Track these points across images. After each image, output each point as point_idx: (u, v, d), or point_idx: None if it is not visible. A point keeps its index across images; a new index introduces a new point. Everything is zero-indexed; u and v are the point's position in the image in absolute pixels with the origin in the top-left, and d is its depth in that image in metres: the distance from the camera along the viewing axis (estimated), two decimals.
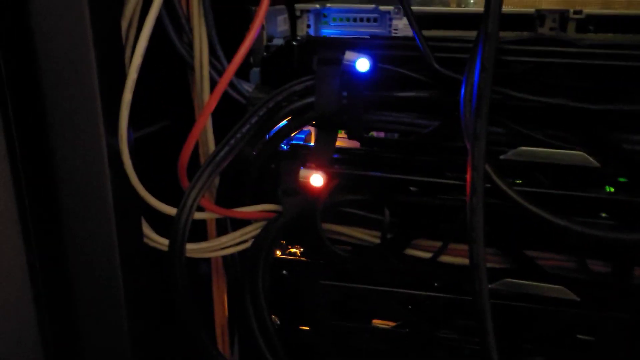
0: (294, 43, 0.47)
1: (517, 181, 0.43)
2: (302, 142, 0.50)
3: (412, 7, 0.42)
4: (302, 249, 0.50)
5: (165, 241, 0.45)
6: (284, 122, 0.45)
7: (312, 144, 0.50)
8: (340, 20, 0.56)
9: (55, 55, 0.36)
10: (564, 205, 0.40)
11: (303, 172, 0.44)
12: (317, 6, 0.54)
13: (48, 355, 0.42)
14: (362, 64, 0.41)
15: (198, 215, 0.45)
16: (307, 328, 0.51)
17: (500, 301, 0.44)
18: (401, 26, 0.55)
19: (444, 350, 0.49)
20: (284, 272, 0.50)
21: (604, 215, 0.41)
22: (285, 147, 0.49)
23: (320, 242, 0.46)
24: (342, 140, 0.46)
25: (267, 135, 0.46)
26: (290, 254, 0.50)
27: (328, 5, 0.55)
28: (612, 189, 0.42)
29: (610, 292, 0.41)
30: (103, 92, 0.37)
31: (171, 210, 0.43)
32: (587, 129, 0.39)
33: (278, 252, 0.50)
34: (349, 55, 0.41)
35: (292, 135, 0.46)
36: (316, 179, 0.44)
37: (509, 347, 0.45)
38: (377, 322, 0.51)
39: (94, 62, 0.36)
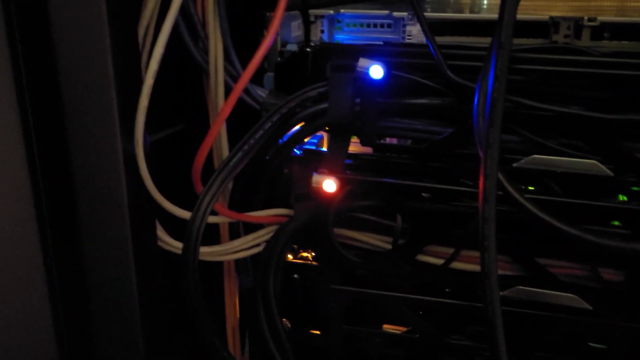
0: (308, 49, 0.47)
1: (530, 188, 0.44)
2: (314, 147, 0.50)
3: (425, 14, 0.42)
4: (313, 254, 0.50)
5: (179, 244, 0.46)
6: (297, 127, 0.45)
7: (324, 149, 0.50)
8: (354, 26, 0.56)
9: (73, 61, 0.37)
10: (576, 213, 0.40)
11: (316, 177, 0.44)
12: (331, 12, 0.55)
13: (62, 354, 0.42)
14: (376, 71, 0.41)
15: (211, 219, 0.45)
16: (318, 332, 0.51)
17: (512, 309, 0.44)
18: (415, 32, 0.55)
19: (454, 356, 0.49)
20: (296, 276, 0.51)
21: (616, 223, 0.41)
22: (298, 152, 0.49)
23: (331, 247, 0.46)
24: (354, 145, 0.47)
25: (280, 141, 0.46)
26: (302, 258, 0.51)
27: (342, 11, 0.56)
28: (625, 198, 0.42)
29: (622, 301, 0.41)
30: (120, 98, 0.37)
31: (185, 214, 0.44)
32: (600, 138, 0.39)
33: (290, 257, 0.50)
34: (362, 62, 0.41)
35: (305, 140, 0.47)
36: (328, 185, 0.44)
37: (521, 355, 0.45)
38: (387, 327, 0.51)
39: (111, 68, 0.37)
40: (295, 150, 0.48)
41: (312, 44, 0.51)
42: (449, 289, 0.46)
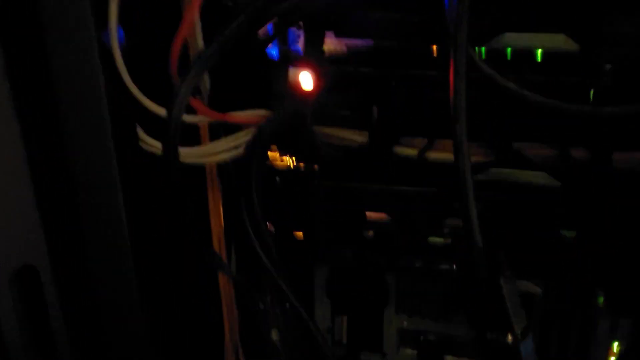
0: None
1: None
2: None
3: None
4: (294, 157, 0.51)
5: (159, 144, 0.46)
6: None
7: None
8: None
9: None
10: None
11: (292, 71, 0.45)
12: None
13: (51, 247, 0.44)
14: None
15: (191, 119, 0.46)
16: (301, 232, 0.53)
17: (486, 193, 0.45)
18: None
19: (434, 251, 0.51)
20: (277, 178, 0.52)
21: None
22: (274, 55, 0.49)
23: (312, 143, 0.47)
24: None
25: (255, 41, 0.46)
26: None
27: None
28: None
29: (590, 177, 0.43)
30: None
31: (163, 111, 0.44)
32: (568, 13, 0.40)
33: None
34: None
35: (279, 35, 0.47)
36: (306, 78, 0.45)
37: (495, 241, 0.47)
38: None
39: None
40: (271, 52, 0.49)
41: None
42: (426, 179, 0.48)
